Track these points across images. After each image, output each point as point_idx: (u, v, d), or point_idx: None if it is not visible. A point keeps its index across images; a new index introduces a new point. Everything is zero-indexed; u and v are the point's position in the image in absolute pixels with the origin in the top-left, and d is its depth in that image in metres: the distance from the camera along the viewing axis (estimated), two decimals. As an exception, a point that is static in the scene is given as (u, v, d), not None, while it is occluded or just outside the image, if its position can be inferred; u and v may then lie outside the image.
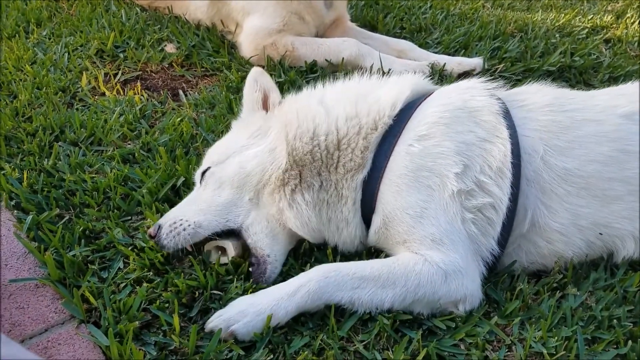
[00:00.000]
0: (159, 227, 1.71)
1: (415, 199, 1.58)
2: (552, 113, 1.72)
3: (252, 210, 1.72)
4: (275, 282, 1.63)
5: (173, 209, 1.80)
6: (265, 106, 1.93)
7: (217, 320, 1.48)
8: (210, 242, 1.75)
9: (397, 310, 1.53)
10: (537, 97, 1.78)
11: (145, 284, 1.62)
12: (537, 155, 1.65)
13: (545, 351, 1.45)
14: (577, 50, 3.28)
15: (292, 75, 2.77)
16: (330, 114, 1.73)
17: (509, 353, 1.48)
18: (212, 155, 1.87)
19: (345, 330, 1.50)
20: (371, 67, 2.88)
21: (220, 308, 1.54)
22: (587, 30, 3.80)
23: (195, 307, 1.56)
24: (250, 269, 1.66)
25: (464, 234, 1.57)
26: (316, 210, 1.68)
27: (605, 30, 3.87)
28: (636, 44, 3.66)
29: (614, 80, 3.05)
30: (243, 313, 1.48)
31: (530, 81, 2.84)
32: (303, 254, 1.78)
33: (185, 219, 1.70)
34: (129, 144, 2.35)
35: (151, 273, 1.66)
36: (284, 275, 1.71)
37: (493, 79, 1.88)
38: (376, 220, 1.66)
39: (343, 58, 2.90)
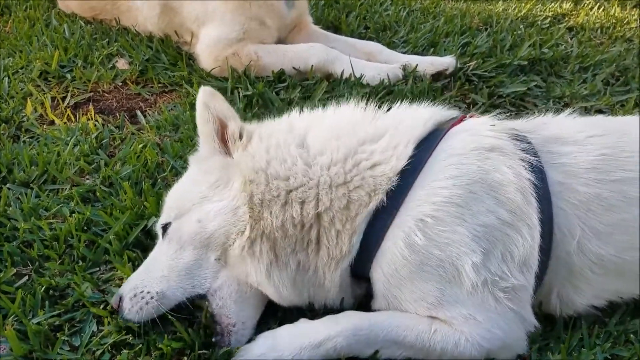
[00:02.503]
0: (120, 298, 1.49)
1: (425, 288, 1.36)
2: (597, 184, 1.44)
3: (220, 271, 1.48)
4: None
5: (136, 273, 1.56)
6: (224, 139, 1.57)
7: None
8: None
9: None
10: (583, 152, 1.48)
11: (125, 351, 1.43)
12: (572, 239, 1.43)
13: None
14: (544, 42, 3.25)
15: (261, 87, 2.59)
16: (311, 172, 1.42)
17: (529, 386, 1.40)
18: (171, 205, 1.59)
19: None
20: (342, 73, 2.74)
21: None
22: (549, 19, 3.80)
23: (185, 373, 1.40)
24: (213, 339, 1.46)
25: (503, 309, 1.37)
26: (297, 290, 1.45)
27: (566, 18, 3.88)
28: (599, 30, 3.68)
29: (584, 70, 3.04)
30: (264, 356, 1.37)
31: (503, 76, 2.86)
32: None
33: (147, 289, 1.46)
34: (88, 180, 2.12)
35: (130, 336, 1.47)
36: (280, 320, 1.56)
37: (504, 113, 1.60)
38: (378, 302, 1.46)
39: (312, 65, 2.74)
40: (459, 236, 1.35)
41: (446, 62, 2.85)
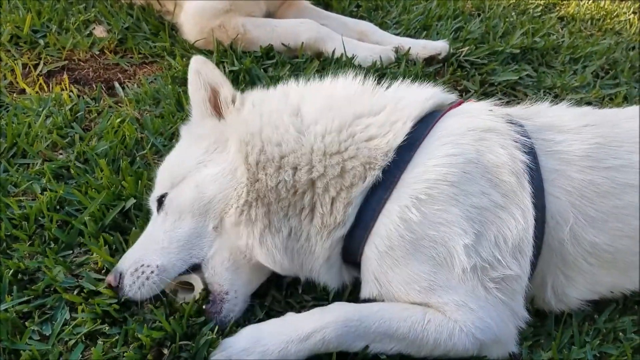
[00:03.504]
0: (120, 275, 1.43)
1: (418, 270, 1.34)
2: (591, 171, 1.45)
3: (215, 240, 1.46)
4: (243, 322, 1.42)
5: (132, 249, 1.51)
6: (217, 106, 1.57)
7: (220, 357, 1.31)
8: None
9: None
10: (577, 140, 1.49)
11: (100, 340, 1.35)
12: (565, 226, 1.42)
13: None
14: (536, 31, 3.20)
15: (248, 63, 2.47)
16: (304, 140, 1.41)
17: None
18: (165, 176, 1.56)
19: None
20: (333, 52, 2.64)
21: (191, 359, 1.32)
22: (540, 7, 3.74)
23: (165, 366, 1.32)
24: (204, 306, 1.42)
25: (494, 299, 1.35)
26: (288, 256, 1.43)
27: (557, 8, 3.83)
28: (589, 22, 3.65)
29: (574, 61, 3.01)
30: (248, 351, 1.32)
31: (495, 64, 2.81)
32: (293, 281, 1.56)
33: (147, 263, 1.43)
34: (61, 155, 1.99)
35: (106, 325, 1.38)
36: (267, 310, 1.50)
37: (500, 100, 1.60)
38: (368, 287, 1.43)
39: (302, 42, 2.63)
40: (452, 216, 1.34)
41: (439, 46, 2.78)
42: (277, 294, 1.53)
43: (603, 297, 1.57)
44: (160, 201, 1.52)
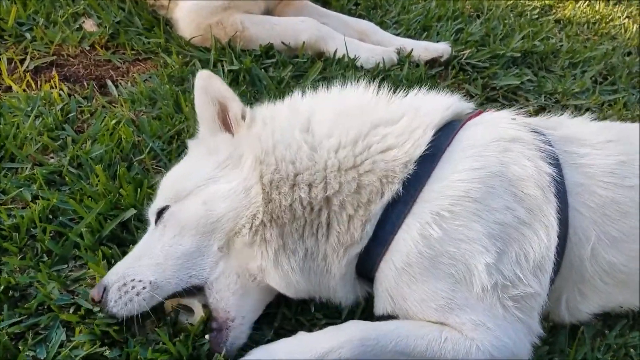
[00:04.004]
0: (105, 289, 1.34)
1: (436, 288, 1.29)
2: (614, 188, 1.41)
3: (220, 261, 1.37)
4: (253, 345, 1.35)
5: (122, 262, 1.41)
6: (226, 122, 1.50)
7: None
8: (170, 300, 1.39)
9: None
10: (601, 155, 1.45)
11: (101, 365, 1.27)
12: (587, 244, 1.38)
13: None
14: (536, 34, 3.17)
15: (248, 63, 2.38)
16: (317, 156, 1.35)
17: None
18: (170, 188, 1.47)
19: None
20: (335, 52, 2.56)
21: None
22: (537, 10, 3.72)
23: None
24: (206, 336, 1.34)
25: (511, 317, 1.30)
26: (304, 277, 1.36)
27: (553, 10, 3.82)
28: (585, 25, 3.65)
29: (573, 66, 2.99)
30: None
31: (496, 68, 2.77)
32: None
33: (139, 278, 1.33)
34: (52, 158, 1.88)
35: (106, 348, 1.30)
36: (276, 330, 1.43)
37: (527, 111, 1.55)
38: (381, 303, 1.38)
39: (303, 42, 2.55)
40: (474, 233, 1.29)
41: (441, 48, 2.73)
42: (287, 312, 1.47)
43: (612, 311, 1.55)
44: (161, 213, 1.44)
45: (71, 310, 1.38)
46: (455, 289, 1.29)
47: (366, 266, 1.37)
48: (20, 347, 1.28)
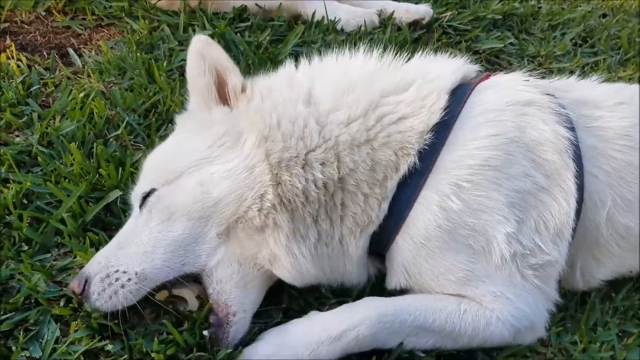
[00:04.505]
0: (86, 280, 1.21)
1: (454, 260, 1.26)
2: (629, 151, 1.38)
3: (219, 247, 1.26)
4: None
5: (104, 250, 1.28)
6: (223, 95, 1.36)
7: None
8: (160, 293, 1.27)
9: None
10: (614, 117, 1.41)
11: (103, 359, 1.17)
12: (602, 209, 1.36)
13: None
14: (514, -5, 3.13)
15: (223, 27, 2.22)
16: (326, 132, 1.25)
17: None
18: (156, 169, 1.33)
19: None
20: (313, 14, 2.43)
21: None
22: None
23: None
24: (204, 332, 1.23)
25: (530, 286, 1.29)
26: (316, 264, 1.27)
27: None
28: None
29: (553, 28, 2.98)
30: (274, 357, 1.19)
31: (478, 30, 2.72)
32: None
33: (123, 268, 1.21)
34: (17, 137, 1.70)
35: (108, 342, 1.20)
36: (284, 311, 1.36)
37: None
38: (395, 278, 1.33)
39: (280, 3, 2.40)
40: (494, 203, 1.25)
41: (422, 10, 2.64)
42: (295, 292, 1.40)
43: (622, 276, 1.57)
44: (146, 198, 1.30)
45: (62, 303, 1.27)
46: (474, 260, 1.26)
47: (381, 243, 1.31)
48: (10, 346, 1.17)
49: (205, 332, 1.23)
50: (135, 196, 1.35)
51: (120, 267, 1.21)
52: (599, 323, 1.47)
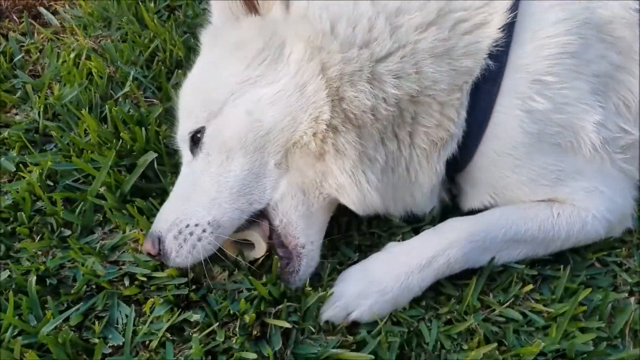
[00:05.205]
0: (159, 240, 1.12)
1: (544, 163, 1.17)
2: None
3: (282, 179, 1.15)
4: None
5: (167, 205, 1.18)
6: (250, 2, 1.18)
7: (334, 309, 1.13)
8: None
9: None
10: None
11: (190, 332, 1.09)
12: None
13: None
14: None
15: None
16: (400, 36, 1.08)
17: None
18: (195, 103, 1.18)
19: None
20: None
21: (298, 323, 1.11)
22: None
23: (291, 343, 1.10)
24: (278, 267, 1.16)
25: (619, 174, 1.23)
26: (381, 194, 1.16)
27: None
28: None
29: None
30: (363, 295, 1.13)
31: None
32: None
33: (194, 221, 1.12)
34: (17, 115, 1.52)
35: (191, 312, 1.11)
36: (357, 248, 1.28)
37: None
38: (477, 198, 1.24)
39: None
40: (577, 92, 1.15)
41: None
42: (364, 227, 1.31)
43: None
44: (196, 138, 1.18)
45: (127, 283, 1.17)
46: (564, 158, 1.18)
47: (457, 165, 1.20)
48: (88, 337, 1.08)
49: (278, 268, 1.16)
50: (181, 138, 1.22)
51: (190, 220, 1.12)
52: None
